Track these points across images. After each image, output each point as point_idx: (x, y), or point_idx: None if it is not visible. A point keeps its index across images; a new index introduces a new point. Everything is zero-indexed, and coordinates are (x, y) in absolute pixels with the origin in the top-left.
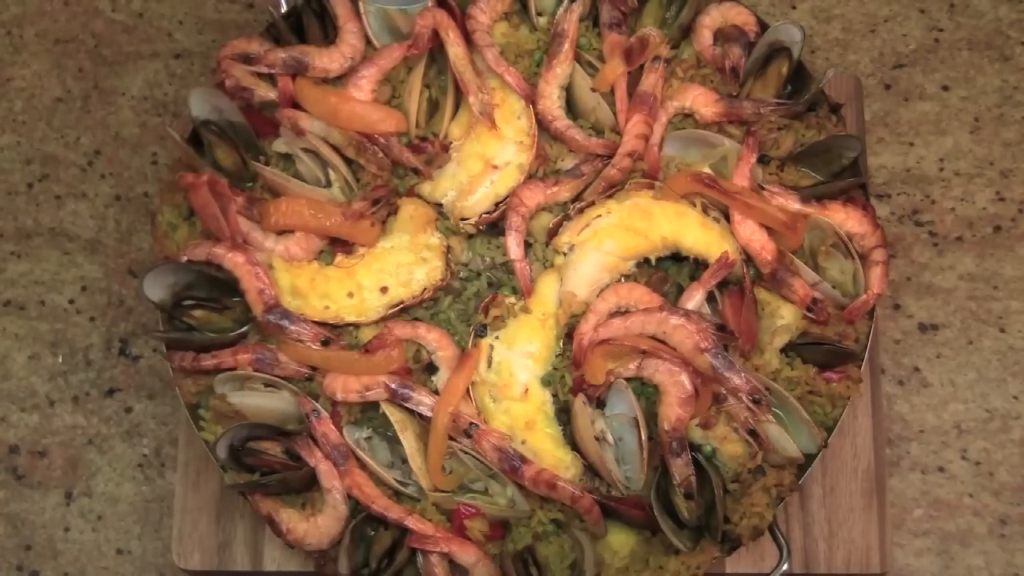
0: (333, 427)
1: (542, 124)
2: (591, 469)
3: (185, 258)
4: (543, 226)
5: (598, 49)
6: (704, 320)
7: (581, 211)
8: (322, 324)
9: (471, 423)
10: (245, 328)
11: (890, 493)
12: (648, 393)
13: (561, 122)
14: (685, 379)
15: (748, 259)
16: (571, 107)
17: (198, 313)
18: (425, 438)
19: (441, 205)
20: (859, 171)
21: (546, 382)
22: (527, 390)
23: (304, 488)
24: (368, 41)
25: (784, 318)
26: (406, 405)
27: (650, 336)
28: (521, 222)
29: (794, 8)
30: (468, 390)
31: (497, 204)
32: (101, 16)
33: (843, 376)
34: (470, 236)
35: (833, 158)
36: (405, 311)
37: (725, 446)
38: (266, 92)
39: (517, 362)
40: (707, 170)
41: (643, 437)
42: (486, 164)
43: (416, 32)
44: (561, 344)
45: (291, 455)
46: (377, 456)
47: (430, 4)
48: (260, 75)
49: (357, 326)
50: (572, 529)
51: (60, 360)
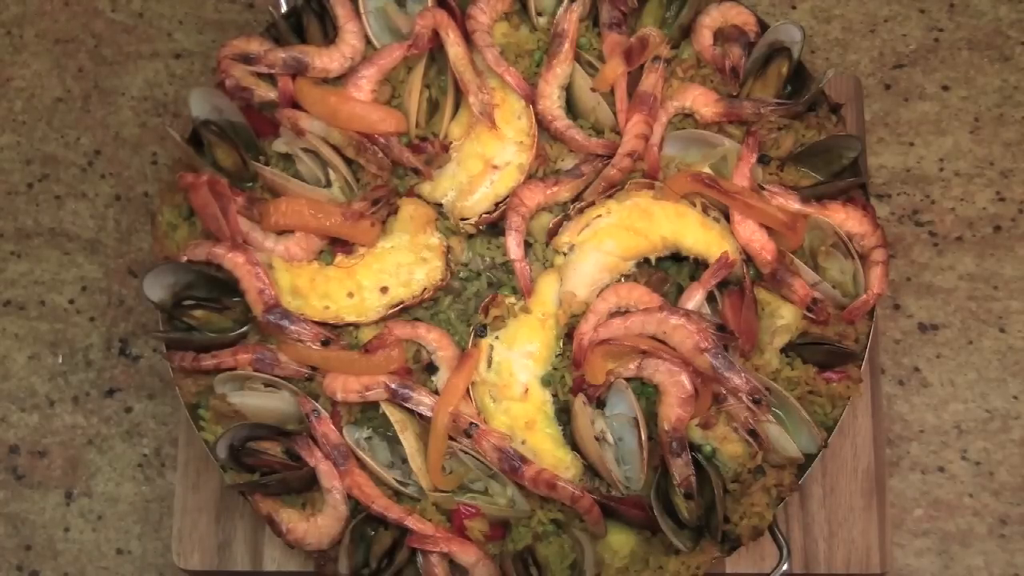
0: (333, 427)
1: (542, 124)
2: (591, 469)
3: (185, 258)
4: (543, 226)
5: (598, 49)
6: (704, 320)
7: (581, 211)
8: (322, 324)
9: (471, 423)
10: (245, 328)
11: (890, 493)
12: (648, 393)
13: (561, 122)
14: (685, 379)
15: (748, 259)
16: (571, 107)
17: (198, 313)
18: (425, 438)
19: (441, 205)
20: (859, 171)
21: (546, 382)
22: (527, 390)
23: (304, 488)
24: (368, 41)
25: (784, 318)
26: (406, 405)
27: (650, 336)
28: (521, 222)
29: (794, 8)
30: (468, 390)
31: (497, 204)
32: (101, 16)
33: (843, 376)
34: (470, 236)
35: (833, 158)
36: (405, 311)
37: (725, 446)
38: (266, 92)
39: (517, 362)
40: (707, 170)
41: (643, 437)
42: (486, 164)
43: (416, 32)
44: (561, 344)
45: (291, 455)
46: (377, 456)
47: (430, 4)
48: (260, 75)
49: (357, 326)
50: (572, 529)
51: (60, 360)
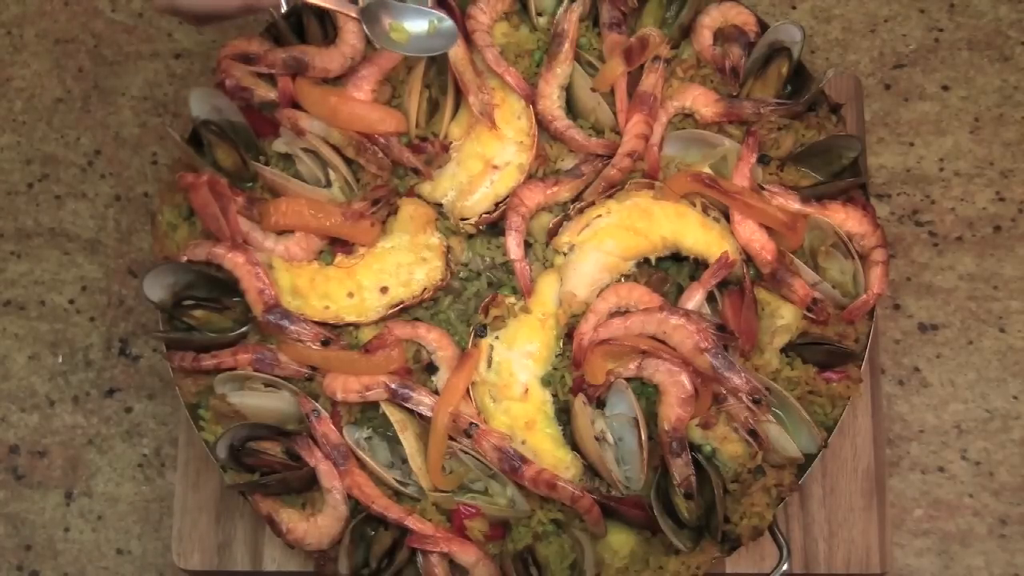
0: (333, 427)
1: (542, 124)
2: (591, 469)
3: (185, 258)
4: (543, 226)
5: (598, 49)
6: (704, 320)
7: (581, 211)
8: (322, 324)
9: (471, 423)
10: (245, 328)
11: (890, 493)
12: (648, 393)
13: (561, 122)
14: (685, 379)
15: (748, 259)
16: (571, 107)
17: (198, 313)
18: (425, 438)
19: (441, 205)
20: (859, 171)
21: (546, 382)
22: (527, 390)
23: (304, 488)
24: (368, 41)
25: (784, 318)
26: (406, 405)
27: (650, 336)
28: (521, 222)
29: (794, 8)
30: (468, 390)
31: (497, 204)
32: (101, 16)
33: (843, 376)
34: (470, 236)
35: (833, 158)
36: (405, 311)
37: (725, 446)
38: (266, 92)
39: (517, 362)
40: (707, 170)
41: (643, 437)
42: (486, 164)
43: None
44: (561, 344)
45: (291, 455)
46: (377, 456)
47: (430, 4)
48: (260, 75)
49: (357, 326)
50: (572, 529)
51: (60, 360)
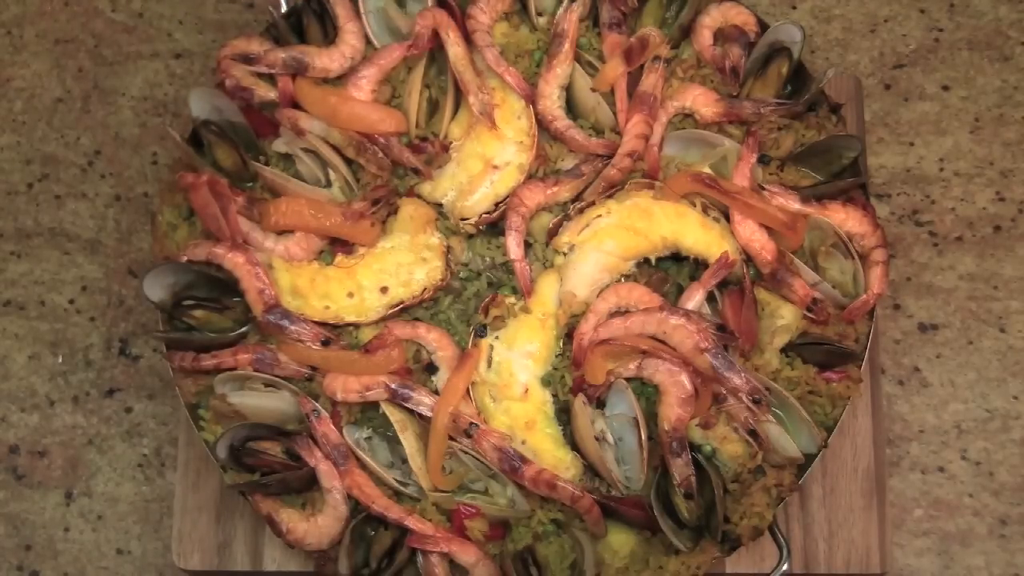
0: (333, 427)
1: (542, 124)
2: (591, 469)
3: (185, 258)
4: (543, 226)
5: (598, 49)
6: (704, 320)
7: (581, 211)
8: (322, 324)
9: (471, 423)
10: (245, 328)
11: (890, 493)
12: (648, 393)
13: (561, 122)
14: (685, 379)
15: (748, 259)
16: (571, 107)
17: (198, 313)
18: (425, 438)
19: (441, 205)
20: (859, 171)
21: (546, 382)
22: (527, 390)
23: (304, 488)
24: (368, 41)
25: (784, 318)
26: (406, 405)
27: (650, 336)
28: (521, 222)
29: (794, 8)
30: (468, 390)
31: (497, 204)
32: (101, 16)
33: (843, 376)
34: (470, 236)
35: (833, 158)
36: (405, 311)
37: (725, 446)
38: (266, 92)
39: (517, 362)
40: (707, 170)
41: (643, 437)
42: (486, 164)
43: (416, 32)
44: (561, 344)
45: (291, 455)
46: (377, 456)
47: (430, 4)
48: (260, 75)
49: (357, 326)
50: (572, 529)
51: (60, 360)
